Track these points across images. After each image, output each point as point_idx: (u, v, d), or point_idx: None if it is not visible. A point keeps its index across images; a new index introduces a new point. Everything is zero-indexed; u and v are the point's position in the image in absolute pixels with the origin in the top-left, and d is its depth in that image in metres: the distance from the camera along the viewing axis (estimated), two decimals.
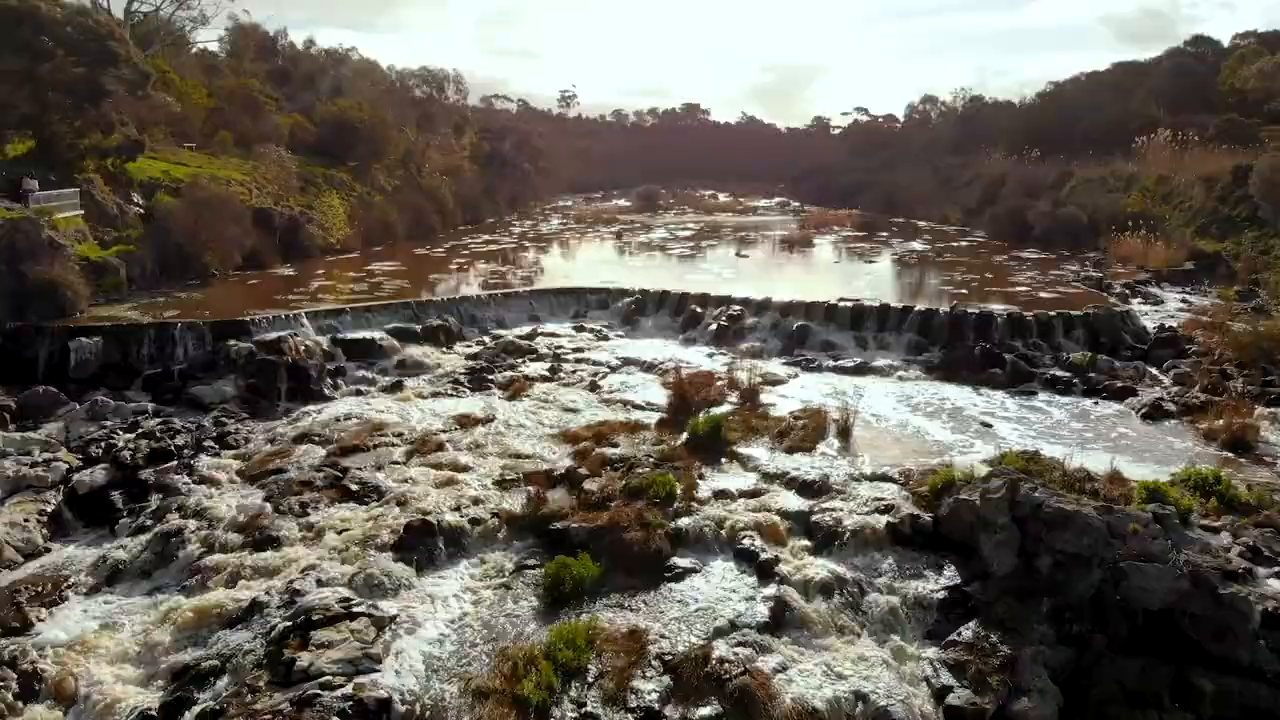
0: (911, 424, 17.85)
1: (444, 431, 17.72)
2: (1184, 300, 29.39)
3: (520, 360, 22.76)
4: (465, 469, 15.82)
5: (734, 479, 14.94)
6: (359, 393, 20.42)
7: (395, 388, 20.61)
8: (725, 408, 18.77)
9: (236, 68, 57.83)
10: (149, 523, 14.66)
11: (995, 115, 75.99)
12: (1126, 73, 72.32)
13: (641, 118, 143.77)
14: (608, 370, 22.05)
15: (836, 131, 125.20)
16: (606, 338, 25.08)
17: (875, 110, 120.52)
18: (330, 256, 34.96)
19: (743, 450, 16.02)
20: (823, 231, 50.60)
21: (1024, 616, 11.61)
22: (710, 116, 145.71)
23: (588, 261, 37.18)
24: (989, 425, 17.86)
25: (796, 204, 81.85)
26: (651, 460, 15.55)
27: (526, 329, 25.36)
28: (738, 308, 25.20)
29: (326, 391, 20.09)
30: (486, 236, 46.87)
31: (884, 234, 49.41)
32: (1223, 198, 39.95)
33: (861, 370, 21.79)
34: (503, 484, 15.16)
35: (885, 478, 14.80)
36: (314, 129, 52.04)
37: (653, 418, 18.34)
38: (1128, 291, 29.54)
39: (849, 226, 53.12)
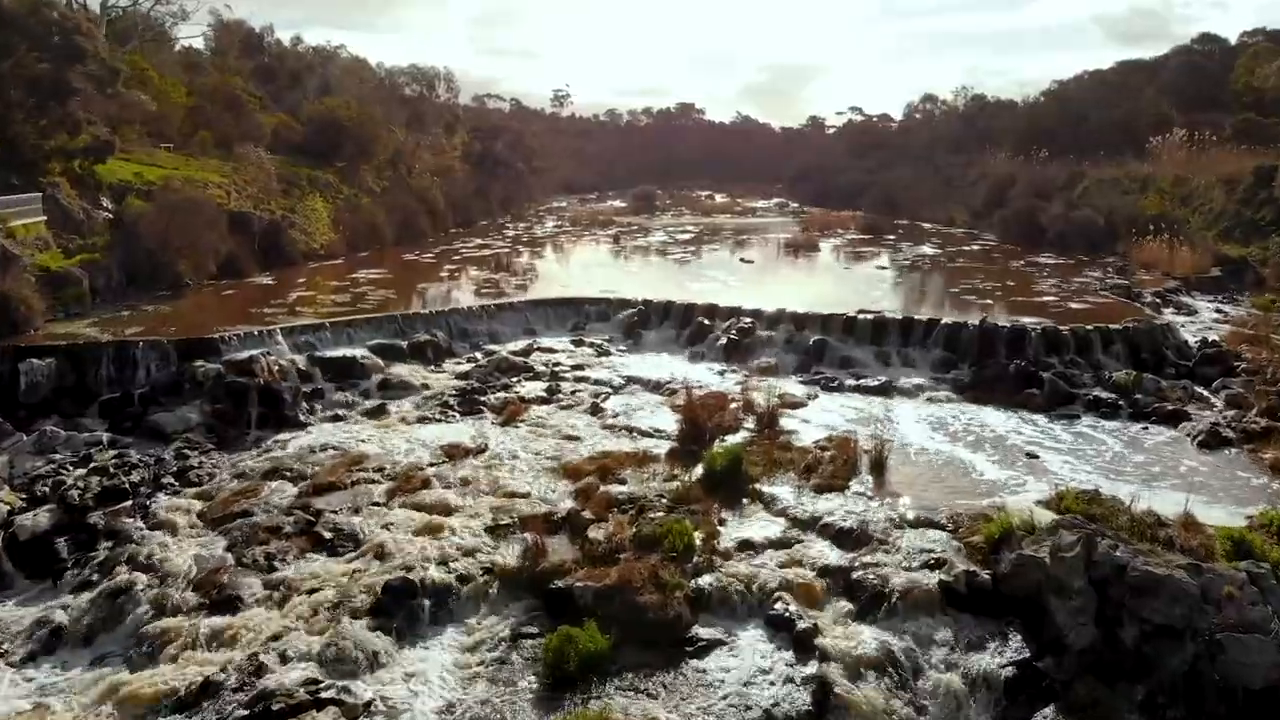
0: (950, 455, 16.12)
1: (430, 465, 15.92)
2: (1218, 310, 27.76)
3: (515, 379, 20.96)
4: (453, 511, 14.04)
5: (759, 525, 13.17)
6: (337, 418, 18.59)
7: (377, 412, 18.80)
8: (742, 435, 17.03)
9: (220, 65, 56.02)
10: (95, 576, 12.89)
11: (998, 114, 74.39)
12: (1130, 71, 71.01)
13: (636, 117, 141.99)
14: (610, 391, 20.28)
15: (831, 131, 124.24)
16: (608, 353, 23.30)
17: (870, 110, 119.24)
18: (313, 263, 33.11)
19: (766, 489, 14.26)
20: (826, 234, 48.92)
21: (1110, 701, 9.91)
22: (705, 116, 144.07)
23: (585, 267, 35.43)
24: (1035, 456, 16.14)
25: (795, 205, 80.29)
26: (664, 501, 13.79)
27: (522, 344, 23.55)
28: (748, 320, 23.43)
29: (301, 417, 18.27)
30: (479, 240, 45.07)
31: (890, 237, 47.76)
32: (1245, 200, 38.40)
33: (886, 391, 20.06)
34: (496, 530, 13.38)
35: (931, 523, 13.06)
36: (300, 128, 50.32)
37: (662, 447, 16.58)
38: (1159, 301, 27.87)
39: (853, 229, 51.45)
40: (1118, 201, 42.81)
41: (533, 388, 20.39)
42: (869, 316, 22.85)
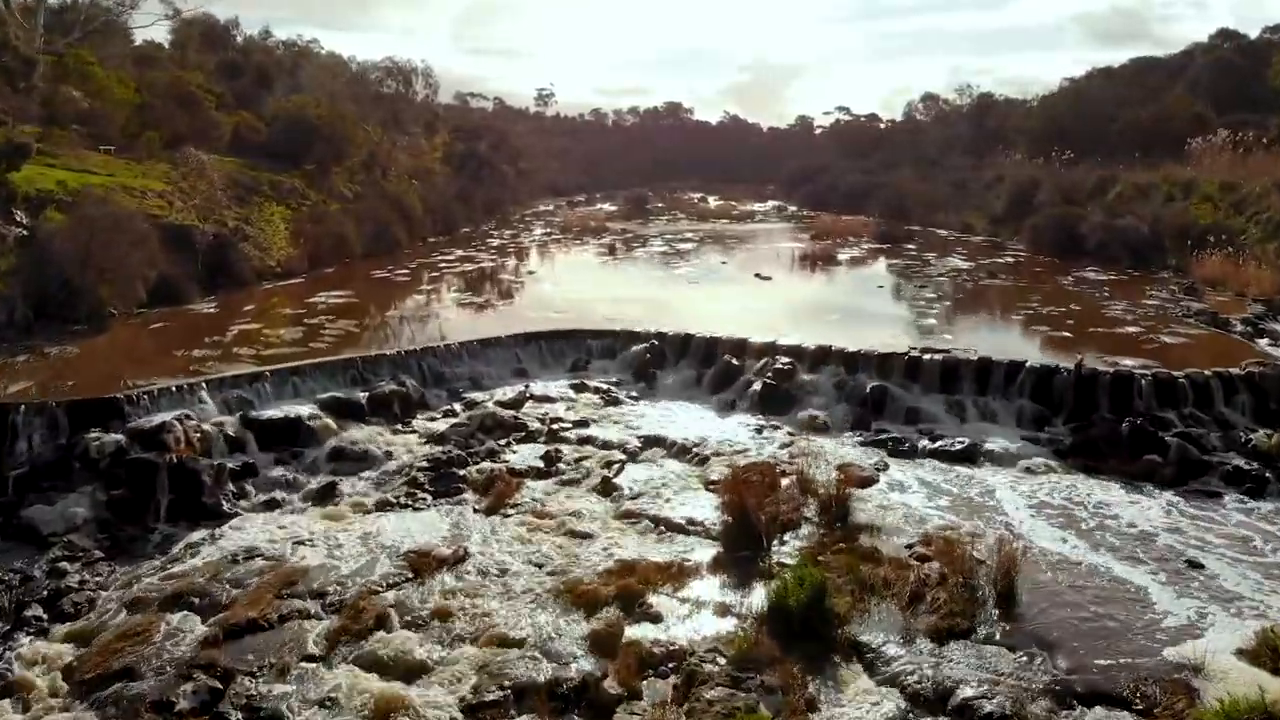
0: (1091, 568, 12.06)
1: (390, 585, 11.74)
2: None
3: (503, 442, 16.75)
4: (419, 673, 9.88)
5: (866, 708, 9.06)
6: (273, 504, 14.32)
7: (325, 495, 14.54)
8: (805, 532, 13.02)
9: (179, 59, 51.86)
10: None
11: (1009, 114, 70.69)
12: (1147, 69, 67.78)
13: (621, 116, 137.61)
14: (624, 457, 16.14)
15: (819, 131, 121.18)
16: (617, 401, 19.13)
17: (857, 109, 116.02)
18: (268, 283, 28.74)
19: (863, 636, 10.17)
20: (840, 244, 44.84)
21: None
22: (693, 116, 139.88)
23: (581, 284, 31.22)
24: (1200, 565, 12.14)
25: (794, 208, 76.45)
26: (722, 662, 9.67)
27: (511, 390, 19.30)
28: (787, 360, 19.29)
29: (225, 506, 14.03)
30: (460, 251, 40.83)
31: (910, 246, 43.83)
32: None
33: (972, 457, 16.02)
34: (479, 710, 9.24)
35: (1111, 699, 9.04)
36: (264, 129, 46.16)
37: (703, 552, 12.51)
38: (1249, 329, 23.97)
39: (866, 237, 47.39)
40: (1162, 209, 39.04)
41: (526, 454, 16.22)
42: (936, 357, 18.75)
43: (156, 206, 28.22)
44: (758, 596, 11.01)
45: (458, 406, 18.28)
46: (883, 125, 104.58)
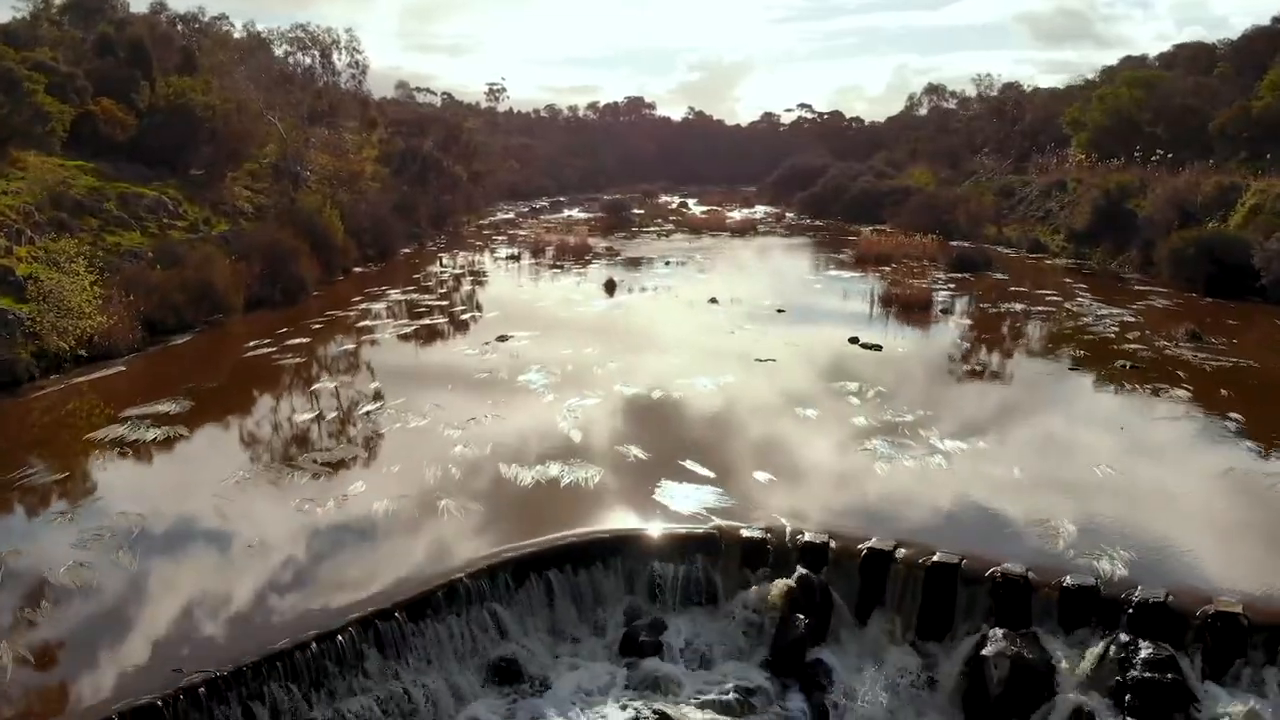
0: None
1: None
2: None
3: None
4: None
5: None
6: None
7: None
8: None
9: (27, 32, 40.14)
10: None
11: (1054, 110, 60.49)
12: (1202, 57, 58.68)
13: (580, 112, 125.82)
14: None
15: (782, 129, 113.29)
16: None
17: (807, 108, 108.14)
18: (58, 378, 16.84)
19: None
20: (904, 270, 33.56)
21: None
22: (656, 111, 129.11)
23: (586, 369, 19.49)
24: None
25: (792, 215, 66.16)
26: None
27: None
28: (1147, 649, 8.08)
29: None
30: (395, 290, 29.11)
31: (1001, 276, 33.28)
32: None
33: None
34: None
35: None
36: (132, 121, 34.56)
37: None
38: None
39: (930, 261, 36.35)
40: None
41: None
42: None
43: None
44: None
45: None
46: (848, 120, 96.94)
